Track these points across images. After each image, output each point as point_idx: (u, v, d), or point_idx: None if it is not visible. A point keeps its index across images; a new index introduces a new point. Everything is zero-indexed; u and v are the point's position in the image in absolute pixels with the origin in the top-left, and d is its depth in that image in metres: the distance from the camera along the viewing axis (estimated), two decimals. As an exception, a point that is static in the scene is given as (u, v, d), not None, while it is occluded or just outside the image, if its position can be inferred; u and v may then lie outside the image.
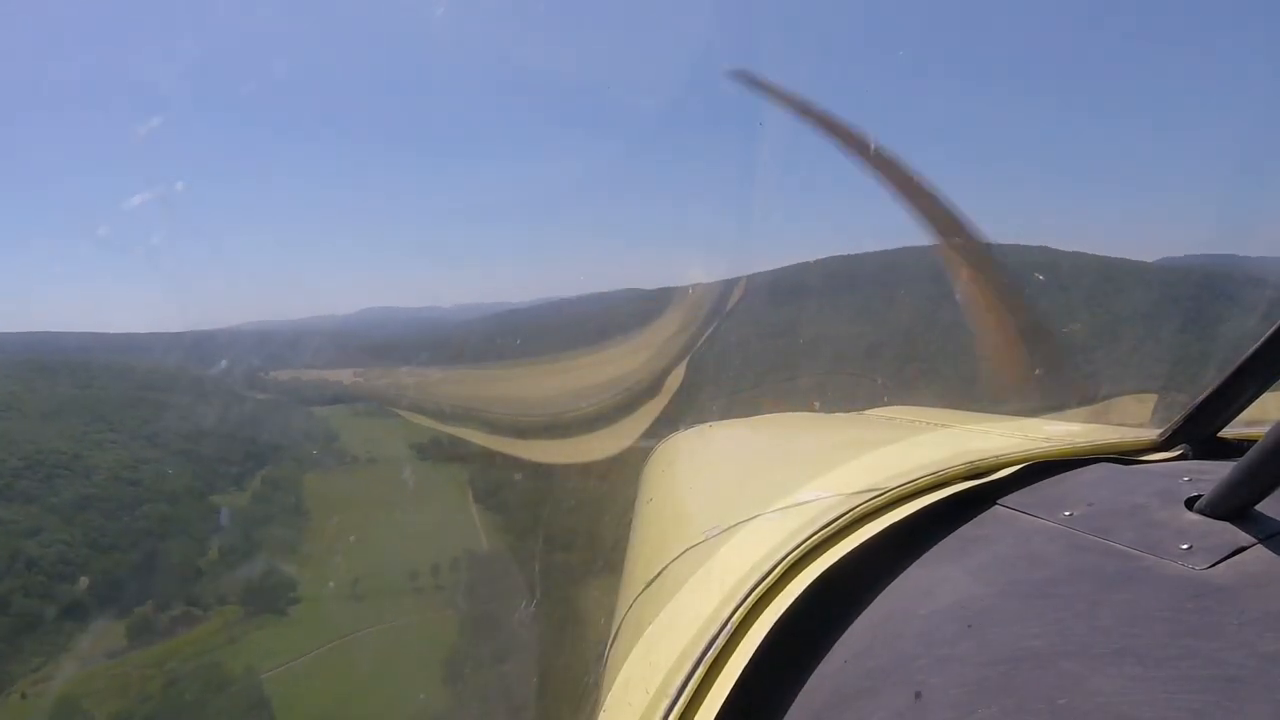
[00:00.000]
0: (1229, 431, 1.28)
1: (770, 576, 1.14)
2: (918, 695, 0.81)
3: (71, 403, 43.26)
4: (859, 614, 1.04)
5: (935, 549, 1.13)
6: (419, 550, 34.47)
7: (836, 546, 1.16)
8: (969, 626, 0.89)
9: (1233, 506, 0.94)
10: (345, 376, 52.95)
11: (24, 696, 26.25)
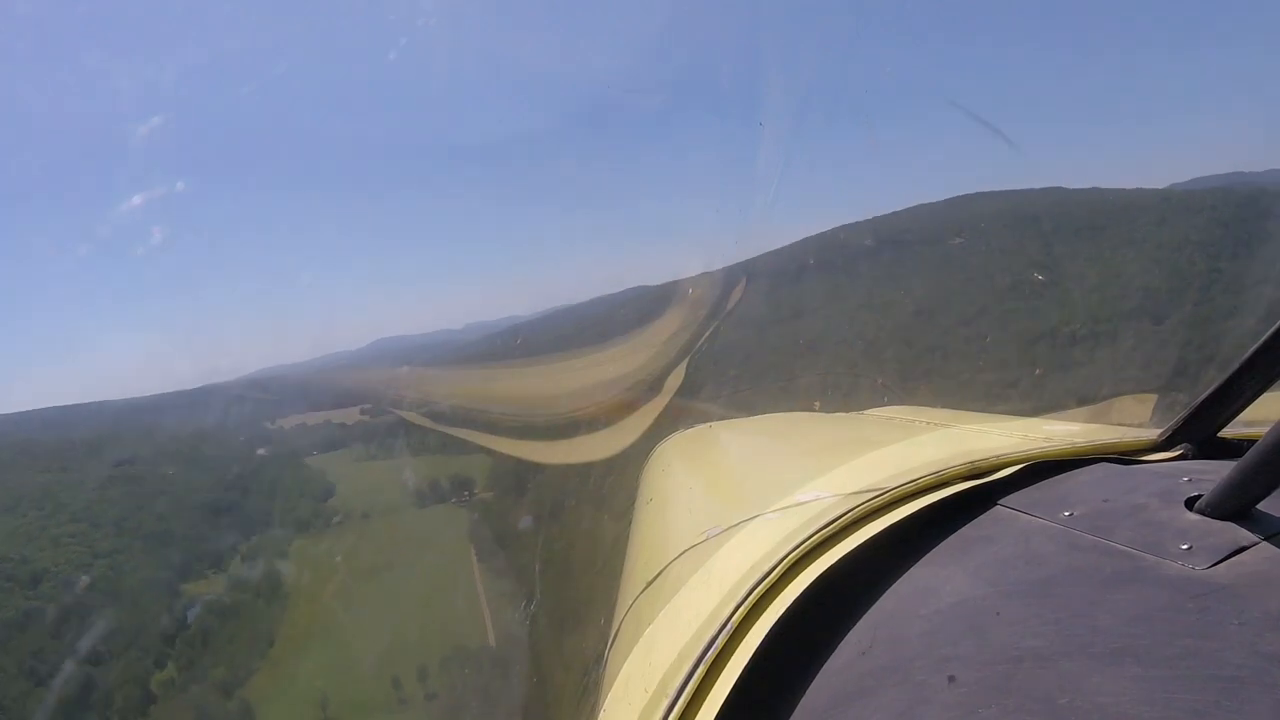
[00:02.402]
0: (1229, 431, 1.28)
1: (770, 576, 1.14)
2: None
3: (36, 493, 39.19)
4: (859, 614, 1.04)
5: (936, 549, 1.13)
6: (409, 640, 28.91)
7: (837, 547, 1.16)
8: (969, 626, 0.89)
9: (1233, 506, 0.94)
10: (351, 416, 51.59)
11: None
